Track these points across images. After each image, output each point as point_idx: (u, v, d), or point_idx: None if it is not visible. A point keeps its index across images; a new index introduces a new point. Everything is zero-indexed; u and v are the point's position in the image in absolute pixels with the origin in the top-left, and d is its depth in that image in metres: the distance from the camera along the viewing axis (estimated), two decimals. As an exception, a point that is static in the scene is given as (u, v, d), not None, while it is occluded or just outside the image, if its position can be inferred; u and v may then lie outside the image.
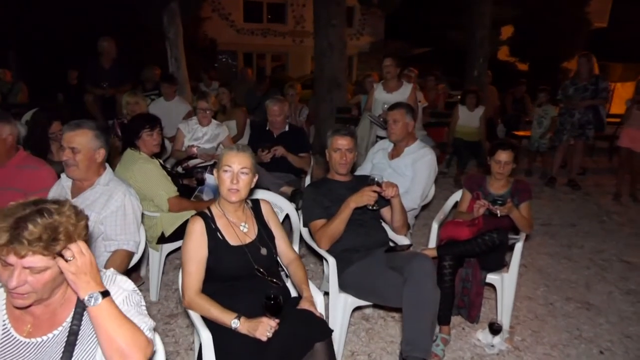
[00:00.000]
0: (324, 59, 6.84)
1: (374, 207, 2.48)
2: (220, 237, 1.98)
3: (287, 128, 4.18)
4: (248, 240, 2.03)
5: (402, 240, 2.74)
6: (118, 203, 2.23)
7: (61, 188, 2.34)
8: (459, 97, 6.37)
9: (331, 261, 2.48)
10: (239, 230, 2.03)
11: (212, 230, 1.97)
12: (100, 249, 2.22)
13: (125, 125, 4.31)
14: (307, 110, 5.96)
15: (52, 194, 2.37)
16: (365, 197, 2.42)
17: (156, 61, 7.19)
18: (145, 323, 1.32)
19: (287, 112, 4.19)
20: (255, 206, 2.16)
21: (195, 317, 1.91)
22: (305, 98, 7.98)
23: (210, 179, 3.42)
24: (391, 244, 2.77)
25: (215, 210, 2.04)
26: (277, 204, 2.87)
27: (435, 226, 3.08)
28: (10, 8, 10.67)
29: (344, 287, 2.50)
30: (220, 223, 2.01)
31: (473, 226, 2.87)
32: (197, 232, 1.94)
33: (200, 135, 4.35)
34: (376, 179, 2.45)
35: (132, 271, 3.30)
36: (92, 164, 2.23)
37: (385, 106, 4.44)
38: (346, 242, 2.54)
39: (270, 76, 15.93)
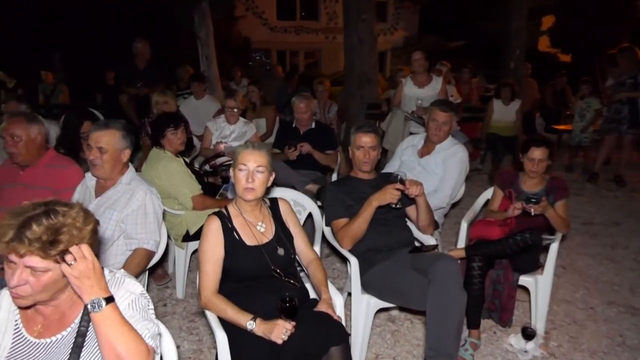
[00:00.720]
0: (354, 54, 6.74)
1: (398, 206, 2.39)
2: (236, 236, 1.95)
3: (313, 125, 4.12)
4: (265, 240, 1.99)
5: (428, 240, 2.63)
6: (139, 202, 2.24)
7: (85, 187, 2.38)
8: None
9: (353, 261, 2.41)
10: (255, 230, 1.99)
11: (229, 230, 1.95)
12: (122, 247, 2.24)
13: (154, 124, 4.40)
14: (336, 107, 5.89)
15: (77, 193, 2.42)
16: (388, 196, 2.34)
17: (188, 60, 7.32)
18: (149, 330, 1.30)
19: (313, 109, 4.13)
20: (273, 205, 2.12)
21: (211, 317, 1.89)
22: (335, 94, 7.92)
23: (235, 177, 3.41)
24: (417, 244, 2.67)
25: (232, 209, 2.01)
26: (300, 202, 2.83)
27: (464, 225, 2.96)
28: (57, 12, 11.14)
29: (366, 288, 2.43)
30: (236, 222, 1.98)
31: (505, 226, 2.73)
32: (214, 232, 1.92)
33: (227, 133, 4.36)
34: (399, 177, 2.36)
35: (157, 267, 3.35)
36: (118, 163, 2.25)
37: (419, 102, 4.34)
38: (369, 242, 2.46)
39: (303, 73, 15.98)
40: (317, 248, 2.53)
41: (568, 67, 11.91)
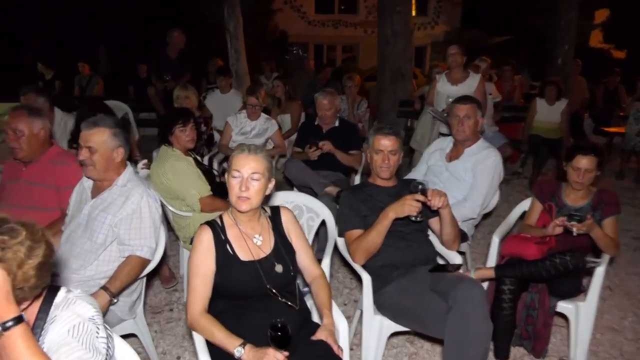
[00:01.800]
0: (388, 48, 6.43)
1: (418, 219, 2.12)
2: (229, 250, 1.74)
3: (337, 123, 3.88)
4: (261, 254, 1.78)
5: (453, 257, 2.35)
6: (134, 205, 2.08)
7: (82, 189, 2.24)
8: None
9: (365, 278, 2.17)
10: (251, 243, 1.78)
11: (221, 242, 1.75)
12: (115, 253, 2.09)
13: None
14: (365, 104, 5.61)
15: (75, 193, 2.28)
16: (407, 207, 2.07)
17: (218, 53, 7.21)
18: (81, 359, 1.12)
19: (337, 106, 3.88)
20: (274, 215, 1.90)
21: (197, 339, 1.70)
22: (368, 90, 7.62)
23: (249, 177, 3.22)
24: (440, 261, 2.39)
25: (226, 219, 1.81)
26: (313, 209, 2.60)
27: (496, 240, 2.64)
28: (101, 6, 11.40)
29: (380, 308, 2.19)
30: (231, 234, 1.78)
31: (543, 244, 2.41)
32: (204, 244, 1.73)
33: (248, 129, 4.19)
34: (420, 186, 2.09)
35: (159, 268, 3.21)
36: (110, 163, 2.09)
37: (450, 100, 4.00)
38: (384, 257, 2.21)
39: (339, 67, 15.68)
40: (327, 260, 2.30)
41: (622, 65, 11.08)
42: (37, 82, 8.10)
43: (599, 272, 2.32)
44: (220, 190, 3.14)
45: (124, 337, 2.51)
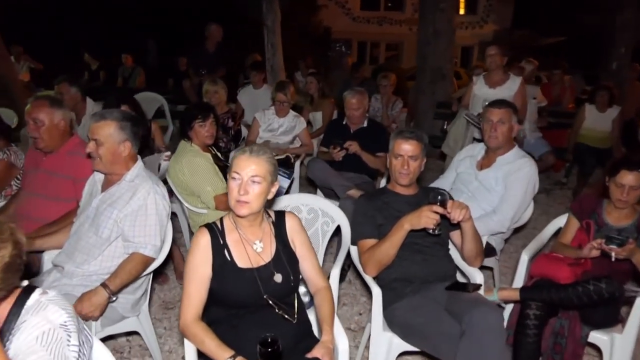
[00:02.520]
0: (428, 47, 6.20)
1: (435, 232, 1.96)
2: (227, 255, 1.65)
3: (365, 124, 3.73)
4: (261, 262, 1.68)
5: (474, 274, 2.17)
6: (140, 202, 2.03)
7: (94, 182, 2.22)
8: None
9: (375, 292, 2.03)
10: (251, 250, 1.69)
11: (219, 247, 1.66)
12: (120, 249, 2.05)
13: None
14: (400, 104, 5.41)
15: (88, 186, 2.26)
16: (424, 219, 1.92)
17: (257, 49, 7.19)
18: None
19: (366, 105, 3.74)
20: (278, 221, 1.79)
21: (188, 347, 1.63)
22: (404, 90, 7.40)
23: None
24: (460, 279, 2.22)
25: (227, 222, 1.72)
26: (329, 213, 2.48)
27: (525, 258, 2.43)
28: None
29: (390, 324, 2.05)
30: (230, 239, 1.69)
31: (577, 266, 2.20)
32: (201, 248, 1.64)
33: (276, 126, 4.12)
34: (439, 197, 1.93)
35: (176, 262, 3.19)
36: (117, 157, 2.05)
37: (487, 103, 3.78)
38: (398, 271, 2.07)
39: (381, 65, 15.41)
40: (336, 270, 2.17)
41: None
42: (84, 72, 8.40)
43: (640, 303, 2.08)
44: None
45: (129, 333, 2.53)
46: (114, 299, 1.95)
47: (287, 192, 3.67)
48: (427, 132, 5.99)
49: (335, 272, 2.16)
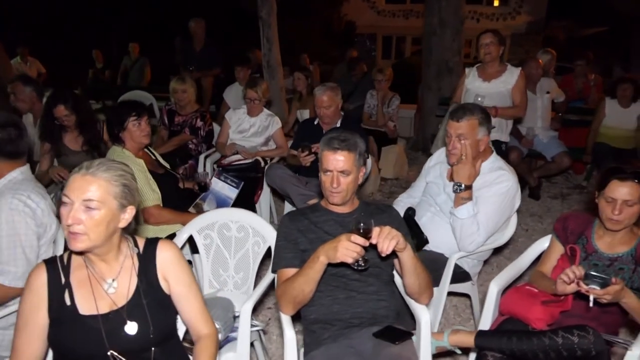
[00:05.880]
0: (433, 39, 5.68)
1: (360, 266, 1.54)
2: (67, 299, 1.31)
3: (338, 124, 3.33)
4: (112, 307, 1.33)
5: (420, 313, 1.73)
6: None
7: None
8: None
9: (289, 337, 1.64)
10: (100, 291, 1.33)
11: (59, 288, 1.31)
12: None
13: (172, 113, 3.96)
14: (397, 101, 4.95)
15: None
16: (341, 252, 1.49)
17: (256, 44, 6.85)
18: None
19: (339, 102, 3.33)
20: (148, 253, 1.42)
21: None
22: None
23: (217, 184, 2.80)
24: (396, 323, 1.77)
25: (76, 256, 1.37)
26: (260, 232, 2.10)
27: (494, 291, 1.97)
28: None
29: (308, 375, 1.66)
30: (75, 277, 1.34)
31: (554, 304, 1.74)
32: (34, 290, 1.30)
33: (247, 127, 3.76)
34: (360, 223, 1.51)
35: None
36: None
37: (479, 99, 3.30)
38: (319, 310, 1.68)
39: (405, 60, 14.79)
40: (249, 304, 1.79)
41: None
42: (88, 71, 8.33)
43: (631, 357, 1.60)
44: (185, 197, 2.77)
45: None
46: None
47: (251, 202, 3.32)
48: (433, 131, 5.57)
49: (248, 306, 1.78)
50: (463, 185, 2.11)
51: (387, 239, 1.48)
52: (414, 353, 1.59)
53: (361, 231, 1.50)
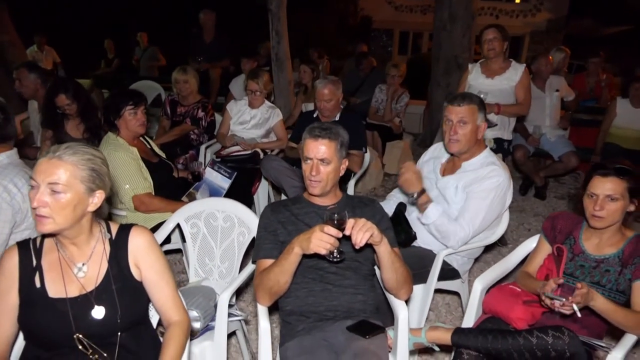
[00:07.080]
0: (443, 34, 5.60)
1: (335, 258, 1.53)
2: (37, 281, 1.32)
3: (337, 117, 3.31)
4: (81, 291, 1.34)
5: (398, 308, 1.71)
6: None
7: None
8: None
9: (263, 327, 1.64)
10: (70, 275, 1.35)
11: (29, 270, 1.33)
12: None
13: (174, 103, 3.98)
14: (407, 98, 4.89)
15: None
16: (314, 243, 1.48)
17: (265, 35, 6.84)
18: None
19: (340, 96, 3.31)
20: (120, 238, 1.42)
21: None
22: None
23: (210, 174, 2.80)
24: (374, 318, 1.75)
25: (49, 239, 1.38)
26: (245, 222, 2.10)
27: (478, 288, 1.95)
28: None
29: (283, 366, 1.65)
30: (47, 260, 1.35)
31: (537, 304, 1.71)
32: (5, 270, 1.32)
33: (247, 118, 3.75)
34: (334, 213, 1.49)
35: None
36: None
37: (482, 96, 3.24)
38: (294, 302, 1.67)
39: (421, 55, 14.62)
40: (226, 294, 1.80)
41: None
42: (100, 61, 8.42)
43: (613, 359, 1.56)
44: (179, 187, 2.79)
45: None
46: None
47: (248, 193, 3.32)
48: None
49: (226, 295, 1.79)
50: (415, 194, 2.13)
51: (361, 230, 1.46)
52: (383, 347, 1.57)
53: (335, 222, 1.49)
